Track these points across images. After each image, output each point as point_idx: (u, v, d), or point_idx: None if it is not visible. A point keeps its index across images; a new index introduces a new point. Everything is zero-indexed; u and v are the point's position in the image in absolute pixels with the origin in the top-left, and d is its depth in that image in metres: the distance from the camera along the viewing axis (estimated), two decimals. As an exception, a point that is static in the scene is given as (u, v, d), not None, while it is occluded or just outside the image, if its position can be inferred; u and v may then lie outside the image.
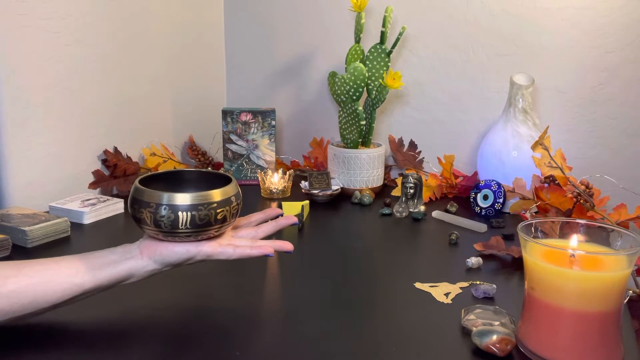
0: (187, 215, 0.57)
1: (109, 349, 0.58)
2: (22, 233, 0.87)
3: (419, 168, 1.34)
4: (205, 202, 0.58)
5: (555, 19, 1.19)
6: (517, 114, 1.14)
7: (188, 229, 0.58)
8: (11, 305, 0.56)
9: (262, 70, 1.53)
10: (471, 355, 0.58)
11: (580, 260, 0.55)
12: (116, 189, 1.18)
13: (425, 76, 1.34)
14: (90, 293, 0.60)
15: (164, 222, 0.57)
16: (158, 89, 1.33)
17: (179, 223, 0.57)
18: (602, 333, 0.54)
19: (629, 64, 1.15)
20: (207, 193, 0.59)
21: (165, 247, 0.60)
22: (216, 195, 0.59)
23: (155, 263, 0.60)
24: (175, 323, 0.64)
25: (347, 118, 1.21)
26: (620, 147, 1.19)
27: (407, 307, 0.69)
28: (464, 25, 1.28)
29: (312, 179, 1.18)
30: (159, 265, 0.61)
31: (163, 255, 0.60)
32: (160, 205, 0.57)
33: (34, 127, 1.02)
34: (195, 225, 0.58)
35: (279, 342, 0.60)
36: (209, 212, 0.58)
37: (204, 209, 0.58)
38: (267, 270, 0.81)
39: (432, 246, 0.92)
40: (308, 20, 1.44)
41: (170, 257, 0.60)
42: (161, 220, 0.57)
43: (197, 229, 0.58)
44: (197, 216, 0.58)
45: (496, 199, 1.08)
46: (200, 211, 0.58)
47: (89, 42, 1.12)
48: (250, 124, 1.30)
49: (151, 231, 0.59)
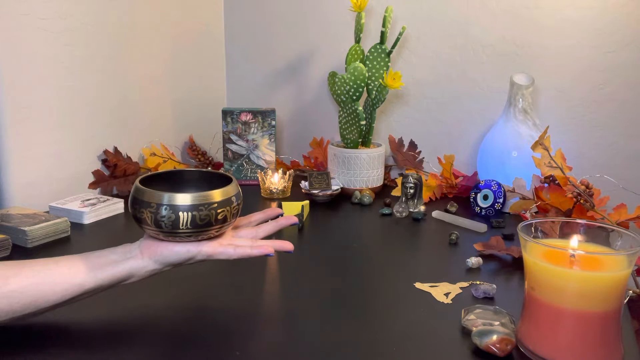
0: (187, 216, 0.57)
1: (109, 348, 0.58)
2: (22, 233, 0.87)
3: (419, 168, 1.34)
4: (205, 203, 0.58)
5: (555, 19, 1.19)
6: (517, 114, 1.14)
7: (189, 229, 0.58)
8: (12, 305, 0.56)
9: (262, 70, 1.53)
10: (471, 355, 0.58)
11: (580, 260, 0.55)
12: (116, 189, 1.18)
13: (425, 76, 1.34)
14: (90, 293, 0.60)
15: (164, 222, 0.57)
16: (158, 89, 1.33)
17: (179, 223, 0.57)
18: (602, 333, 0.54)
19: (629, 64, 1.15)
20: (208, 193, 0.59)
21: (165, 247, 0.60)
22: (217, 195, 0.59)
23: (156, 263, 0.61)
24: (176, 323, 0.64)
25: (347, 118, 1.21)
26: (620, 147, 1.19)
27: (407, 307, 0.69)
28: (464, 25, 1.28)
29: (312, 179, 1.18)
30: (159, 265, 0.61)
31: (164, 255, 0.60)
32: (161, 205, 0.57)
33: (34, 127, 1.02)
34: (195, 226, 0.58)
35: (279, 342, 0.60)
36: (209, 212, 0.58)
37: (204, 209, 0.58)
38: (267, 270, 0.81)
39: (432, 246, 0.92)
40: (308, 20, 1.44)
41: (171, 257, 0.60)
42: (162, 220, 0.57)
43: (197, 229, 0.58)
44: (198, 216, 0.58)
45: (496, 199, 1.08)
46: (200, 211, 0.58)
47: (89, 42, 1.12)
48: (250, 124, 1.30)
49: (152, 231, 0.59)
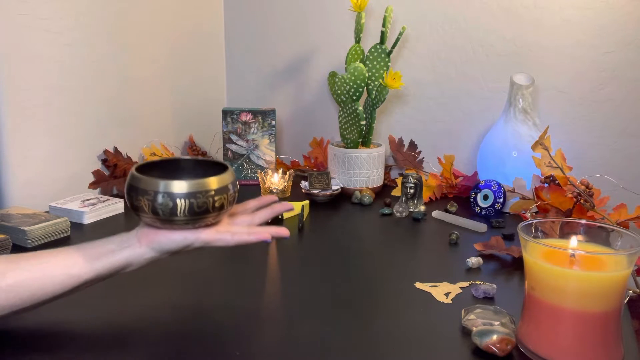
0: (184, 203, 0.57)
1: (108, 348, 0.58)
2: (22, 233, 0.87)
3: (419, 168, 1.34)
4: (202, 190, 0.58)
5: (555, 19, 1.19)
6: (517, 114, 1.14)
7: (186, 216, 0.58)
8: (9, 299, 0.55)
9: (262, 70, 1.53)
10: (471, 355, 0.58)
11: (581, 260, 0.55)
12: (116, 189, 1.18)
13: (425, 76, 1.34)
14: (89, 283, 0.59)
15: (162, 209, 0.57)
16: (158, 89, 1.33)
17: (177, 210, 0.57)
18: (602, 333, 0.54)
19: (629, 64, 1.15)
20: (205, 180, 0.59)
21: (163, 234, 0.60)
22: (213, 182, 0.59)
23: (153, 251, 0.60)
24: (175, 322, 0.64)
25: (347, 118, 1.21)
26: (620, 147, 1.19)
27: (407, 307, 0.69)
28: (464, 25, 1.28)
29: (312, 179, 1.18)
30: (157, 253, 0.61)
31: (161, 243, 0.60)
32: (158, 193, 0.57)
33: (34, 127, 1.02)
34: (193, 213, 0.58)
35: (279, 342, 0.60)
36: (206, 199, 0.58)
37: (201, 196, 0.58)
38: (267, 270, 0.81)
39: (432, 246, 0.92)
40: (308, 20, 1.44)
41: (168, 245, 0.60)
42: (159, 207, 0.57)
43: (194, 216, 0.58)
44: (195, 204, 0.57)
45: (496, 199, 1.08)
46: (198, 199, 0.57)
47: (89, 42, 1.12)
48: (250, 124, 1.30)
49: (149, 219, 0.59)
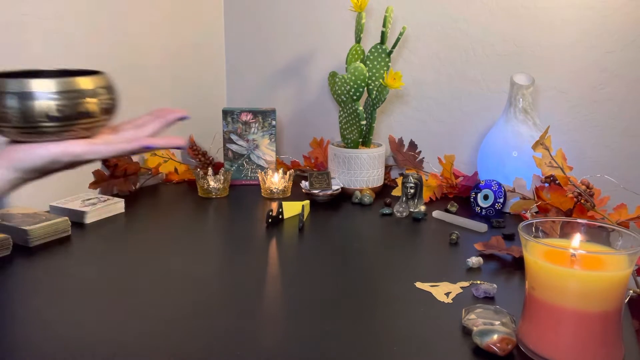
0: (42, 105, 0.49)
1: (108, 348, 0.58)
2: (23, 232, 0.87)
3: (419, 168, 1.34)
4: (68, 90, 0.50)
5: (555, 19, 1.19)
6: (517, 114, 1.14)
7: (47, 122, 0.50)
8: None
9: (262, 70, 1.53)
10: (472, 354, 0.58)
11: (581, 260, 0.55)
12: (116, 189, 1.18)
13: (425, 76, 1.34)
14: None
15: (17, 114, 0.48)
16: (158, 89, 1.33)
17: (34, 114, 0.49)
18: (602, 333, 0.54)
19: (629, 64, 1.15)
20: (70, 80, 0.50)
21: (23, 150, 0.52)
22: (82, 83, 0.51)
23: (16, 171, 0.53)
24: (175, 322, 0.64)
25: (347, 118, 1.21)
26: (621, 147, 1.19)
27: (407, 307, 0.69)
28: (464, 25, 1.28)
29: (313, 179, 1.18)
30: (20, 173, 0.53)
31: (22, 160, 0.52)
32: (12, 93, 0.48)
33: (34, 126, 1.02)
34: (55, 118, 0.50)
35: (279, 342, 0.60)
36: (72, 102, 0.50)
37: (67, 98, 0.50)
38: (267, 270, 0.81)
39: (433, 246, 0.92)
40: (308, 20, 1.44)
41: (31, 162, 0.53)
42: (8, 111, 0.48)
43: (58, 122, 0.50)
44: (56, 106, 0.49)
45: (496, 198, 1.08)
46: (59, 100, 0.49)
47: (89, 42, 1.12)
48: (250, 124, 1.30)
49: (7, 130, 0.51)
